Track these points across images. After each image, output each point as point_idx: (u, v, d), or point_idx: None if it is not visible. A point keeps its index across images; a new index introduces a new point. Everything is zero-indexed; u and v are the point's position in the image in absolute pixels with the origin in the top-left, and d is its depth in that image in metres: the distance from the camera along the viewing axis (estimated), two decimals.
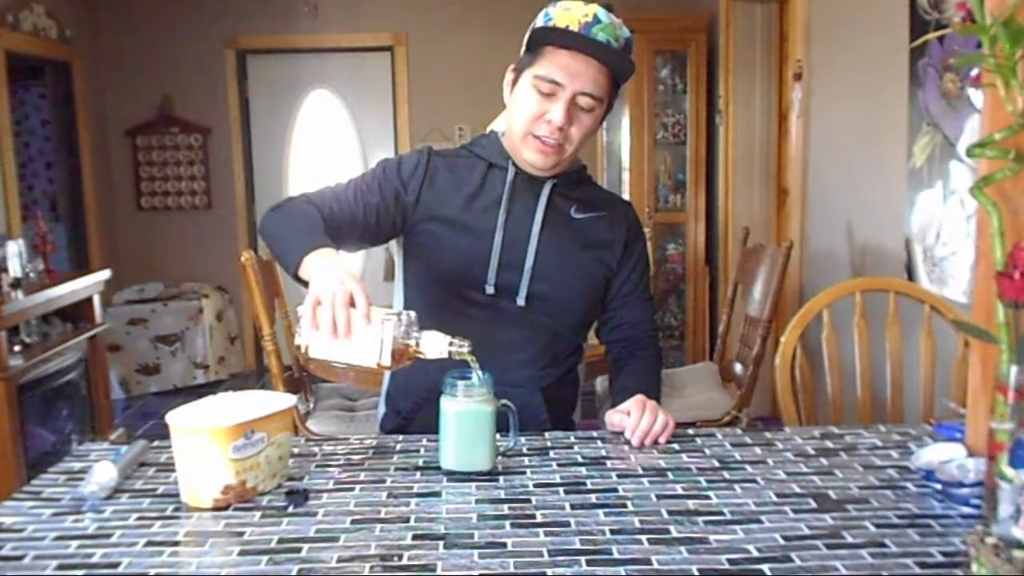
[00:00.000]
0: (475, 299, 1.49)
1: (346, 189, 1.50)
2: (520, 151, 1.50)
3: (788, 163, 3.63)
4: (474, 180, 1.53)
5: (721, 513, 1.05)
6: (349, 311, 1.17)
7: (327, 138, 5.39)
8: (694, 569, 0.91)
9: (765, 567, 0.91)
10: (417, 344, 1.19)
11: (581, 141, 1.48)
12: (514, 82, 1.50)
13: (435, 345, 1.20)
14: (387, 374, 1.62)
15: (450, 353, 1.19)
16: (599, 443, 1.33)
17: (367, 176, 1.53)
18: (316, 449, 1.32)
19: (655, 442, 1.33)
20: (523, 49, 1.49)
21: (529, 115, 1.45)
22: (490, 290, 1.49)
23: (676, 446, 1.32)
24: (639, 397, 1.38)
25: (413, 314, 1.21)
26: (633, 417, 1.33)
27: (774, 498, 1.10)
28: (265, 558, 0.95)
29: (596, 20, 1.42)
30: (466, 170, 1.54)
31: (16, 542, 1.00)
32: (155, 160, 5.26)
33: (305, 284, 1.25)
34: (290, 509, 1.08)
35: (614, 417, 1.38)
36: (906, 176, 2.49)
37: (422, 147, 1.60)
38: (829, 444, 1.32)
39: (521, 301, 1.49)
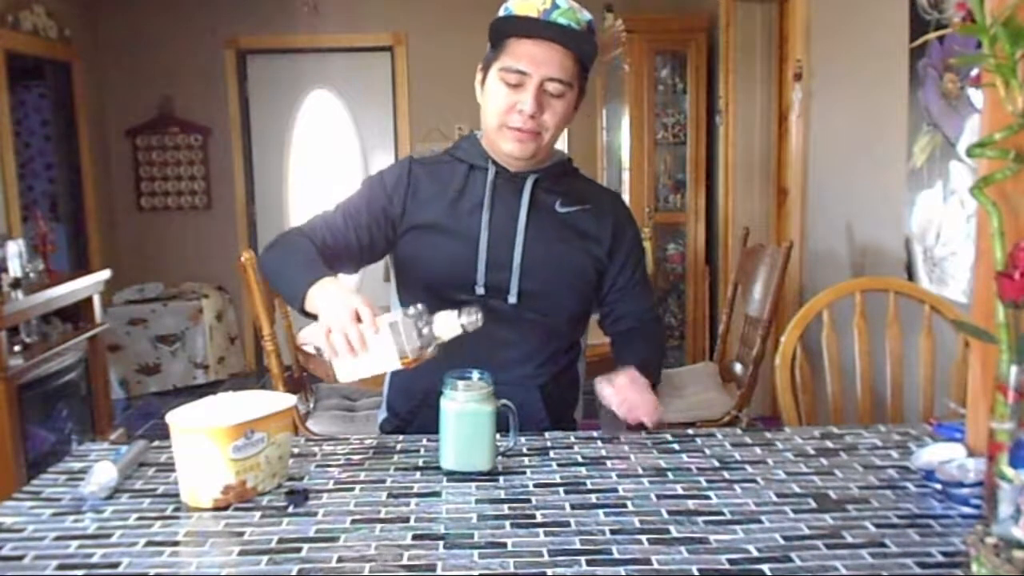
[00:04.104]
0: (466, 301, 1.49)
1: (335, 215, 1.52)
2: (497, 145, 1.50)
3: (788, 163, 3.62)
4: (455, 183, 1.53)
5: (721, 513, 1.05)
6: (358, 327, 1.20)
7: (327, 138, 5.38)
8: (694, 569, 0.91)
9: (765, 567, 0.91)
10: (431, 331, 1.22)
11: (556, 127, 1.48)
12: (483, 80, 1.51)
13: (447, 326, 1.23)
14: (386, 376, 1.64)
15: (463, 327, 1.23)
16: (599, 443, 1.33)
17: (354, 198, 1.55)
18: (316, 449, 1.32)
19: (641, 426, 1.33)
20: (488, 46, 1.49)
21: (500, 108, 1.46)
22: (480, 291, 1.49)
23: (676, 446, 1.32)
24: (630, 371, 1.39)
25: (420, 306, 1.23)
26: (619, 388, 1.35)
27: (774, 498, 1.10)
28: (265, 558, 0.95)
29: (555, 6, 1.43)
30: (447, 174, 1.55)
31: (16, 542, 1.00)
32: (155, 160, 5.26)
33: (314, 317, 1.28)
34: (290, 509, 1.08)
35: (605, 390, 1.39)
36: (906, 176, 2.49)
37: (403, 158, 1.61)
38: (829, 444, 1.32)
39: (512, 299, 1.49)
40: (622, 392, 1.37)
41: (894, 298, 1.72)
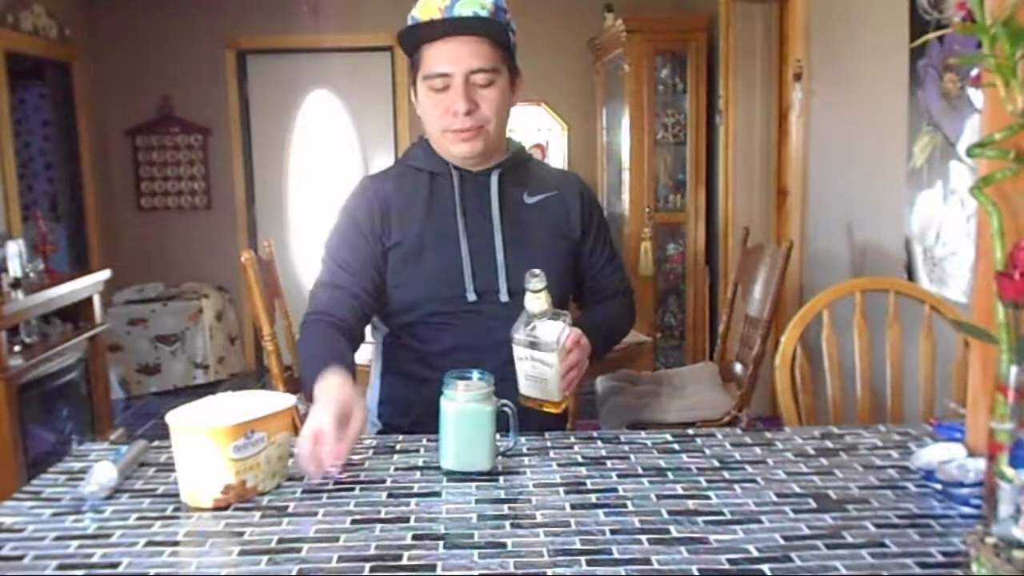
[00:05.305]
0: (459, 309, 1.49)
1: (339, 274, 1.49)
2: (448, 150, 1.50)
3: (788, 163, 3.63)
4: (422, 194, 1.53)
5: (721, 513, 1.05)
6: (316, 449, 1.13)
7: (327, 138, 5.38)
8: (694, 569, 0.91)
9: (765, 567, 0.91)
10: (533, 318, 1.30)
11: (497, 116, 1.47)
12: (415, 94, 1.51)
13: (531, 302, 1.30)
14: (374, 387, 1.64)
15: (537, 290, 1.29)
16: (599, 443, 1.33)
17: (341, 248, 1.51)
18: None
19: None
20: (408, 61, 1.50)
21: (436, 115, 1.47)
22: (472, 297, 1.49)
23: (676, 446, 1.32)
24: (577, 332, 1.36)
25: (516, 335, 1.29)
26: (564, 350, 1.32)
27: (774, 498, 1.10)
28: (265, 558, 0.95)
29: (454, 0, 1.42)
30: (410, 186, 1.54)
31: (16, 542, 1.00)
32: (155, 160, 5.26)
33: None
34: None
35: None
36: (906, 176, 2.49)
37: (359, 181, 1.60)
38: (829, 444, 1.32)
39: (504, 298, 1.49)
40: (566, 354, 1.32)
41: (894, 298, 1.72)
